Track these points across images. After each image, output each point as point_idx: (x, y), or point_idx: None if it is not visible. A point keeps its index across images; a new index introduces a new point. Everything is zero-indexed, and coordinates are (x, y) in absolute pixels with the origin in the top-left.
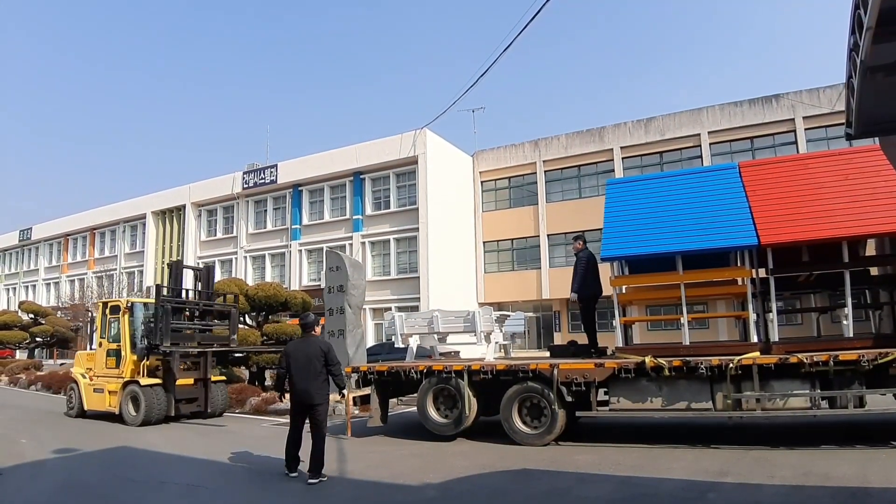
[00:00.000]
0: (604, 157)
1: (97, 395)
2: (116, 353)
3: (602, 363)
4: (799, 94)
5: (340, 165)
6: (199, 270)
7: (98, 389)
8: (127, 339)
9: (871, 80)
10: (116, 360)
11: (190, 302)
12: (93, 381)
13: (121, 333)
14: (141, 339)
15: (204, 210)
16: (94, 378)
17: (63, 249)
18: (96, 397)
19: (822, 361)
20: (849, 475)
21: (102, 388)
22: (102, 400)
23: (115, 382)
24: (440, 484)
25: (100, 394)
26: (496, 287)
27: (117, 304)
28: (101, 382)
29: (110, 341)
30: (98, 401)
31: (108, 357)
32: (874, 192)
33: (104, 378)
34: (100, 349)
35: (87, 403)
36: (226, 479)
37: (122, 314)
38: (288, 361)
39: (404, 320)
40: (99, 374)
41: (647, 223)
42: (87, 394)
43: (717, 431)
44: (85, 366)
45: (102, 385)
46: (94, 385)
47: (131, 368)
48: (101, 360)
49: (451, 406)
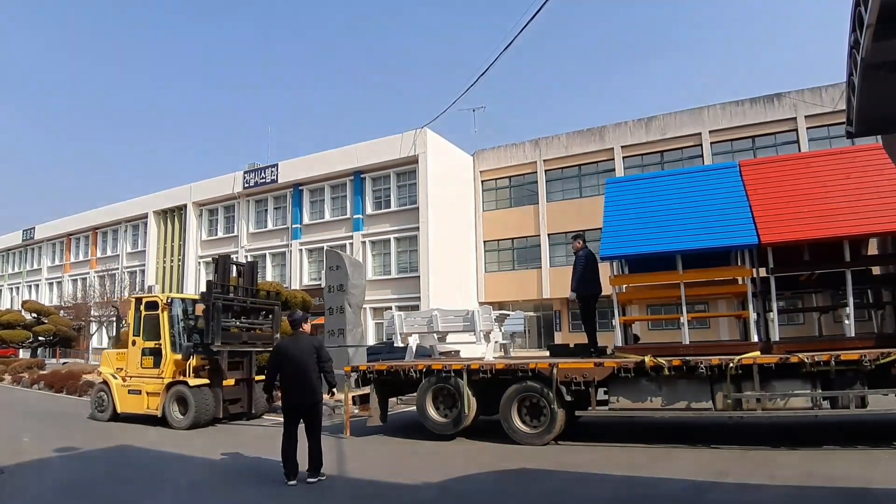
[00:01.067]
0: (604, 156)
1: (133, 398)
2: (154, 351)
3: (601, 362)
4: (801, 93)
5: (341, 165)
6: (243, 266)
7: (134, 391)
8: (167, 337)
9: (872, 77)
10: (155, 360)
11: (238, 299)
12: (126, 382)
13: (160, 331)
14: (182, 337)
15: (205, 210)
16: (128, 379)
17: (65, 249)
18: (132, 399)
19: (824, 361)
20: (851, 476)
21: (139, 389)
22: (139, 402)
23: (155, 383)
24: (439, 483)
25: (136, 395)
26: (496, 286)
27: (154, 300)
28: (138, 383)
29: (146, 339)
30: (134, 403)
31: (144, 356)
32: (876, 191)
33: (140, 379)
34: (133, 348)
35: (121, 406)
36: (226, 478)
37: (161, 311)
38: (279, 360)
39: (404, 319)
40: (133, 374)
41: (647, 222)
42: (121, 395)
43: (717, 431)
44: (115, 365)
45: (139, 386)
46: (128, 386)
47: (172, 368)
48: (135, 359)
49: (451, 405)
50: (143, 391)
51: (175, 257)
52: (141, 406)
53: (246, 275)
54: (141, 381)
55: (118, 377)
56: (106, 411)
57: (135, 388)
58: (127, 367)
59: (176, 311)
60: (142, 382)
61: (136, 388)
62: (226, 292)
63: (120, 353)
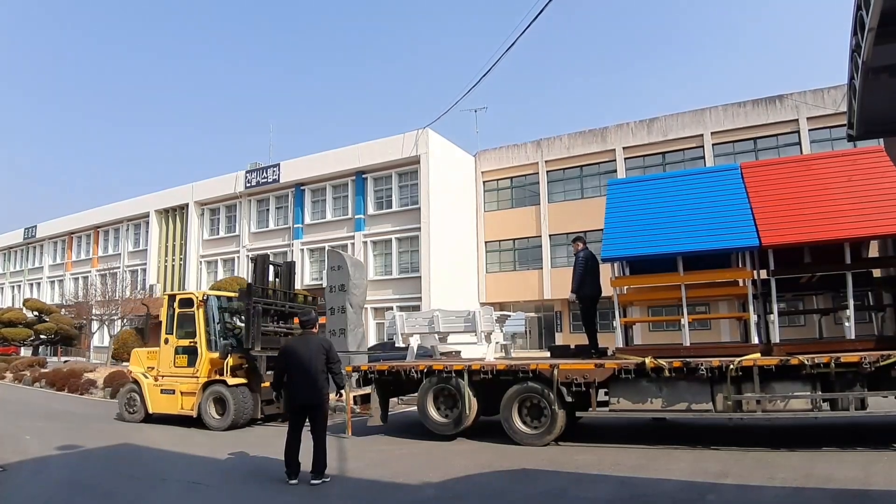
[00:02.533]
0: (606, 157)
1: (166, 397)
2: (188, 350)
3: (602, 364)
4: (803, 95)
5: (343, 165)
6: (280, 266)
7: (167, 390)
8: (203, 336)
9: (873, 81)
10: (189, 359)
11: (276, 302)
12: (159, 382)
13: (196, 329)
14: (218, 335)
15: (207, 209)
16: (160, 378)
17: (67, 247)
18: (164, 399)
19: (824, 363)
20: (850, 477)
21: (173, 388)
22: (173, 402)
23: (190, 383)
24: (440, 483)
25: (169, 395)
26: (497, 287)
27: (189, 296)
28: (171, 383)
29: (180, 337)
30: (167, 403)
31: (178, 355)
32: (877, 194)
33: (174, 378)
34: (166, 346)
35: (153, 406)
36: (227, 477)
37: (197, 308)
38: (287, 360)
39: (405, 320)
40: (165, 373)
41: (648, 224)
42: (153, 395)
43: (717, 432)
44: (146, 364)
45: (173, 385)
46: (161, 386)
47: (208, 367)
48: (167, 358)
49: (452, 406)
50: (176, 391)
51: (176, 256)
52: (175, 406)
53: (283, 276)
54: (174, 380)
55: (149, 376)
56: (137, 412)
57: (168, 387)
58: (159, 366)
59: (212, 309)
60: (175, 382)
61: (169, 388)
62: (265, 295)
63: (151, 351)
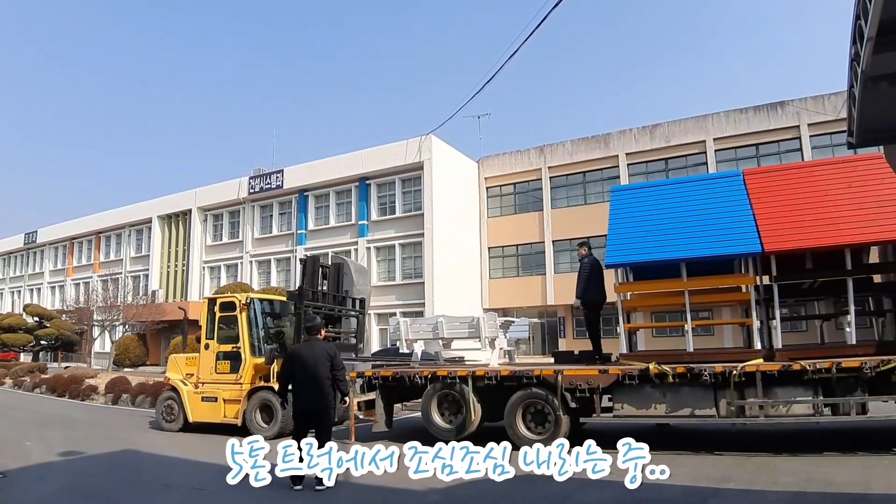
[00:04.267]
0: (609, 163)
1: (207, 405)
2: (230, 355)
3: (606, 369)
4: (804, 101)
5: (346, 171)
6: (328, 268)
7: (209, 398)
8: (246, 341)
9: (872, 89)
10: (232, 364)
11: (326, 306)
12: (199, 389)
13: (239, 334)
14: (261, 340)
15: (210, 215)
16: (201, 385)
17: (68, 253)
18: (206, 407)
19: (825, 368)
20: (851, 482)
21: (215, 396)
22: (215, 410)
23: (233, 390)
24: (444, 489)
25: (211, 403)
26: (501, 293)
27: (231, 300)
28: (213, 390)
29: (221, 342)
30: (209, 411)
31: (219, 360)
32: (878, 200)
33: (215, 385)
34: (206, 352)
35: (193, 414)
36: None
37: (240, 312)
38: (293, 366)
39: (409, 325)
40: (206, 380)
41: (651, 230)
42: (193, 403)
43: (719, 438)
44: (184, 371)
45: (215, 393)
46: (202, 393)
47: (252, 374)
48: (208, 364)
49: (456, 412)
50: (219, 398)
51: (179, 262)
52: (217, 414)
53: (331, 279)
54: (216, 387)
55: (189, 383)
56: (175, 420)
57: (209, 395)
58: (199, 373)
59: (256, 312)
60: (217, 389)
61: (210, 395)
62: (314, 299)
63: (190, 357)
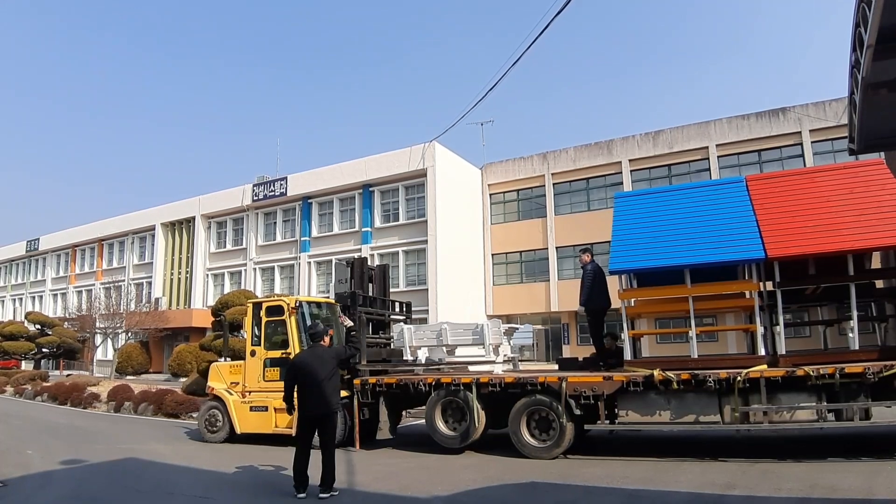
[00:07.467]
0: (612, 169)
1: (256, 415)
2: (278, 362)
3: (611, 376)
4: (805, 108)
5: (350, 178)
6: (374, 270)
7: (258, 408)
8: (297, 346)
9: (873, 96)
10: (281, 372)
11: (376, 311)
12: (247, 399)
13: (289, 339)
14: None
15: (213, 222)
16: (248, 394)
17: (71, 260)
18: (255, 417)
19: (829, 374)
20: (854, 487)
21: (265, 405)
22: (265, 420)
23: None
24: (448, 496)
25: (261, 412)
26: (505, 299)
27: (279, 304)
28: (262, 399)
29: (269, 349)
30: (258, 421)
31: (267, 368)
32: (879, 206)
33: (264, 393)
34: (253, 359)
35: (241, 425)
36: (234, 490)
37: (289, 316)
38: (297, 373)
39: (413, 332)
40: (253, 388)
41: (655, 236)
42: (240, 413)
43: (724, 444)
44: (228, 380)
45: (265, 402)
46: (249, 403)
47: None
48: (255, 371)
49: (460, 419)
50: (269, 407)
51: (183, 269)
52: (268, 425)
53: (377, 282)
54: (265, 396)
55: (234, 393)
56: (220, 431)
57: (258, 404)
58: (245, 382)
59: (305, 316)
60: (267, 398)
61: (260, 405)
62: (365, 303)
63: (234, 365)
